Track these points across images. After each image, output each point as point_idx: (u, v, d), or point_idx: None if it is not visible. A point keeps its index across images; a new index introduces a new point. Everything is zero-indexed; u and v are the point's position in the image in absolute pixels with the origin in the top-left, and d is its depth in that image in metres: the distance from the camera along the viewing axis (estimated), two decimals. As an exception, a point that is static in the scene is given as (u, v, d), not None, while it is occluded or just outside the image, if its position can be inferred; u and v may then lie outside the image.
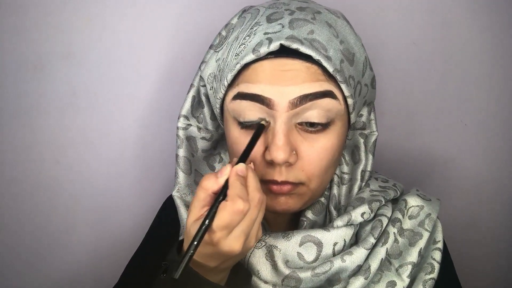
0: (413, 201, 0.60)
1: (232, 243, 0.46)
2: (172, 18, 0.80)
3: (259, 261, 0.55)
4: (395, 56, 0.84)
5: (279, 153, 0.50)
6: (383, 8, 0.82)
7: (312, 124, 0.52)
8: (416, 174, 0.89)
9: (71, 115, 0.81)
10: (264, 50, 0.50)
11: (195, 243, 0.44)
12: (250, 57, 0.51)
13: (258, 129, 0.52)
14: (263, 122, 0.52)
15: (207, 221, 0.45)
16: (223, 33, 0.60)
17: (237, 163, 0.48)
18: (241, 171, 0.48)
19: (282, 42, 0.50)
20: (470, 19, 0.83)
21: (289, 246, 0.55)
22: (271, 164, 0.52)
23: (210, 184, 0.47)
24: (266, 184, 0.54)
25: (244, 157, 0.50)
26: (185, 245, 0.49)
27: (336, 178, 0.62)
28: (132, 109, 0.83)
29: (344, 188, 0.62)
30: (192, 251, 0.44)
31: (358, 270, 0.54)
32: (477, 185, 0.90)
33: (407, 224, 0.59)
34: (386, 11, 0.82)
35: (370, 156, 0.62)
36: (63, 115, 0.81)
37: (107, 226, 0.87)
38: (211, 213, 0.45)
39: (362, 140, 0.62)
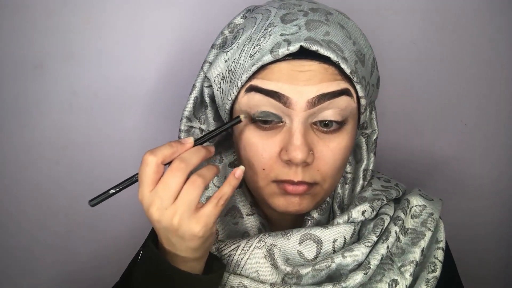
0: (415, 201, 0.60)
1: (151, 209, 0.47)
2: (173, 18, 0.80)
3: (259, 261, 0.55)
4: (395, 56, 0.84)
5: (297, 153, 0.50)
6: (383, 8, 0.82)
7: (326, 124, 0.52)
8: (416, 174, 0.90)
9: (71, 115, 0.81)
10: (283, 51, 0.50)
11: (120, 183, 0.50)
12: (268, 58, 0.50)
13: (234, 120, 0.52)
14: (242, 117, 0.52)
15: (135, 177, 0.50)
16: (226, 32, 0.60)
17: (195, 145, 0.49)
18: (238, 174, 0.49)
19: (302, 44, 0.50)
20: (470, 19, 0.83)
21: (289, 245, 0.55)
22: (287, 164, 0.52)
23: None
24: (281, 184, 0.53)
25: (204, 140, 0.51)
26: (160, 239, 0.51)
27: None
28: (133, 109, 0.83)
29: (347, 187, 0.62)
30: (113, 189, 0.51)
31: (358, 267, 0.54)
32: (477, 184, 0.90)
33: (410, 223, 0.59)
34: (386, 11, 0.83)
35: (372, 155, 0.62)
36: (63, 115, 0.81)
37: (107, 227, 0.87)
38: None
39: (363, 140, 0.62)
